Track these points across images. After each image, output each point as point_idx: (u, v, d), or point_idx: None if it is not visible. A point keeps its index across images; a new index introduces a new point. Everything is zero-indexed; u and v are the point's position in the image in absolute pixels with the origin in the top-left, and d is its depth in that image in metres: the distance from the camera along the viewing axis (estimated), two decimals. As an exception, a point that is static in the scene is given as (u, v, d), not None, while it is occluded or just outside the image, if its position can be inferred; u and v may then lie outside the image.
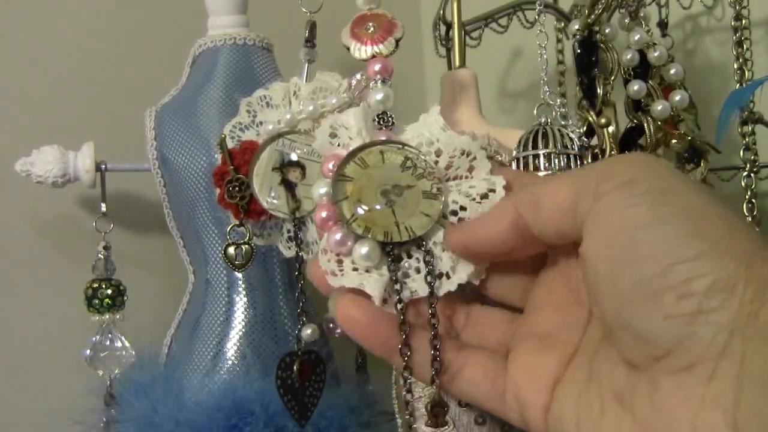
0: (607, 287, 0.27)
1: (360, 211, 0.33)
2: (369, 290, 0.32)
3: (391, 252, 0.33)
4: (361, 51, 0.39)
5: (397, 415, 0.51)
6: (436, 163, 0.35)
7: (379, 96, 0.37)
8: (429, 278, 0.33)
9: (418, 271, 0.33)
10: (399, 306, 0.32)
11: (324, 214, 0.33)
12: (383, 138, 0.35)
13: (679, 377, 0.25)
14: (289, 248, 0.48)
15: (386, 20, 0.39)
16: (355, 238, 0.33)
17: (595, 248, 0.28)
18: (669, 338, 0.25)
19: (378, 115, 0.37)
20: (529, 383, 0.31)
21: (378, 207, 0.33)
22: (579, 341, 0.31)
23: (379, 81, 0.38)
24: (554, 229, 0.30)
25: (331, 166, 0.34)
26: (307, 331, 0.48)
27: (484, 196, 0.34)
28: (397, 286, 0.32)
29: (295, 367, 0.48)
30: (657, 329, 0.26)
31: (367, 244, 0.33)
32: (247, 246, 0.50)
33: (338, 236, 0.33)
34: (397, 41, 0.39)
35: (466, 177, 0.35)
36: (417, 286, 0.33)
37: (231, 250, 0.50)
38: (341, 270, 0.33)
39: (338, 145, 0.36)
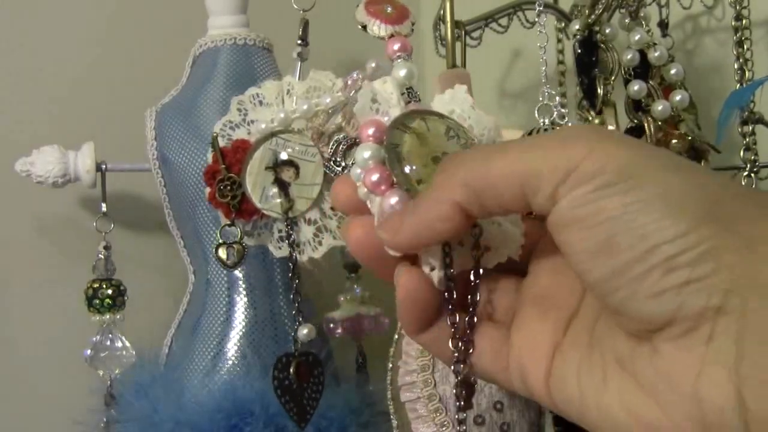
0: (588, 276, 0.27)
1: (417, 175, 0.32)
2: (429, 256, 0.31)
3: None
4: (381, 29, 0.38)
5: (392, 416, 0.51)
6: None
7: (403, 72, 0.36)
8: (474, 252, 0.32)
9: (461, 244, 0.33)
10: (448, 276, 0.31)
11: (375, 177, 0.32)
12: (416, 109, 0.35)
13: (678, 342, 0.25)
14: (280, 248, 0.48)
15: (400, 4, 0.39)
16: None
17: (568, 244, 0.27)
18: (661, 313, 0.25)
19: (407, 89, 0.36)
20: (530, 350, 0.31)
21: (432, 170, 0.32)
22: (577, 305, 0.31)
23: (403, 57, 0.37)
24: (502, 212, 0.29)
25: (371, 132, 0.33)
26: (303, 331, 0.48)
27: None
28: (448, 259, 0.32)
29: (291, 369, 0.48)
30: (646, 308, 0.25)
31: None
32: (238, 245, 0.50)
33: (393, 200, 0.32)
34: (413, 24, 0.39)
35: None
36: (462, 260, 0.33)
37: (222, 249, 0.50)
38: None
39: (377, 111, 0.35)
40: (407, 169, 0.32)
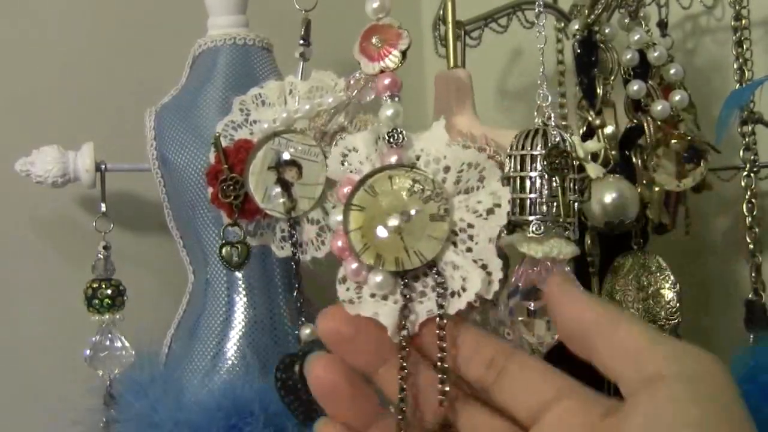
0: None
1: (370, 243, 0.34)
2: (383, 320, 0.33)
3: (404, 278, 0.33)
4: (369, 67, 0.39)
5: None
6: (444, 180, 0.35)
7: (390, 112, 0.37)
8: (439, 300, 0.33)
9: (433, 289, 0.34)
10: (405, 333, 0.32)
11: (340, 243, 0.34)
12: (393, 159, 0.35)
13: None
14: (282, 248, 0.48)
15: (392, 32, 0.39)
16: (368, 267, 0.34)
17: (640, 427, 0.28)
18: None
19: (388, 133, 0.36)
20: None
21: (386, 235, 0.34)
22: None
23: (388, 97, 0.38)
24: (593, 360, 0.30)
25: (346, 191, 0.35)
26: (306, 331, 0.48)
27: (490, 211, 0.34)
28: (405, 312, 0.33)
29: (296, 368, 0.48)
30: None
31: (379, 273, 0.33)
32: (242, 245, 0.50)
33: (354, 266, 0.34)
34: (403, 53, 0.38)
35: (478, 188, 0.35)
36: (433, 305, 0.33)
37: (226, 249, 0.50)
38: (359, 297, 0.34)
39: (350, 171, 0.36)
40: (354, 237, 0.34)
